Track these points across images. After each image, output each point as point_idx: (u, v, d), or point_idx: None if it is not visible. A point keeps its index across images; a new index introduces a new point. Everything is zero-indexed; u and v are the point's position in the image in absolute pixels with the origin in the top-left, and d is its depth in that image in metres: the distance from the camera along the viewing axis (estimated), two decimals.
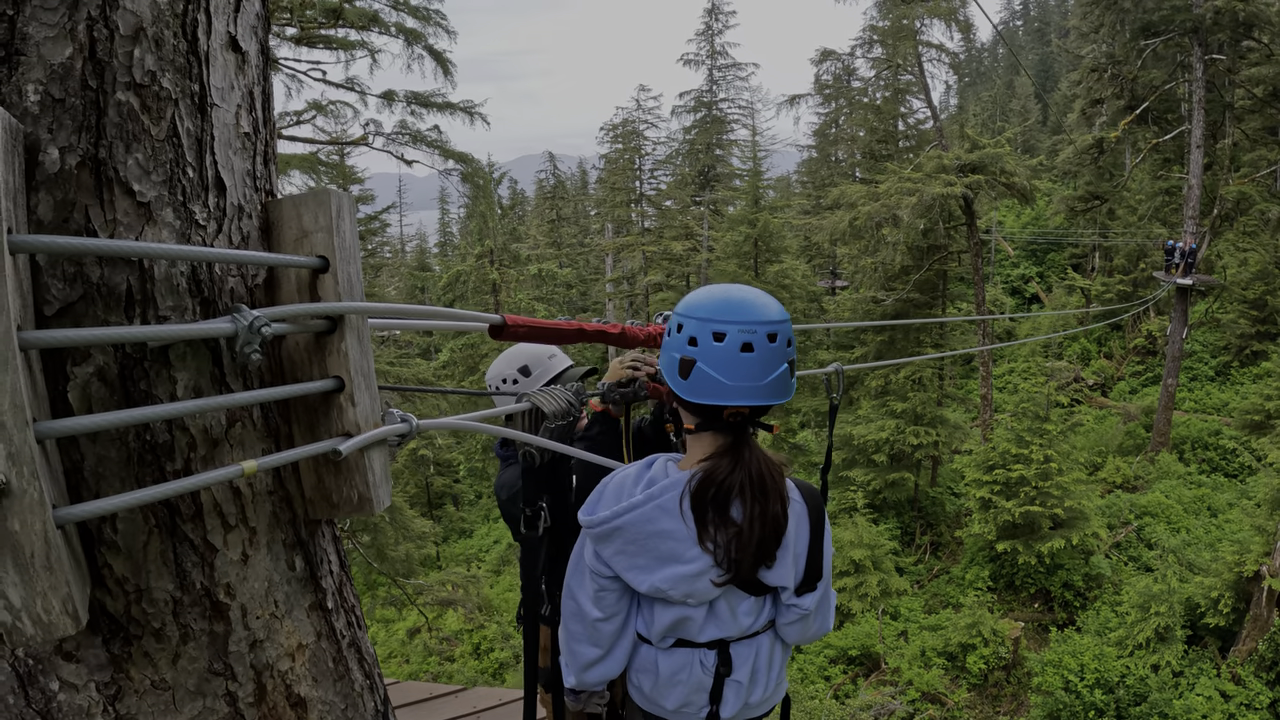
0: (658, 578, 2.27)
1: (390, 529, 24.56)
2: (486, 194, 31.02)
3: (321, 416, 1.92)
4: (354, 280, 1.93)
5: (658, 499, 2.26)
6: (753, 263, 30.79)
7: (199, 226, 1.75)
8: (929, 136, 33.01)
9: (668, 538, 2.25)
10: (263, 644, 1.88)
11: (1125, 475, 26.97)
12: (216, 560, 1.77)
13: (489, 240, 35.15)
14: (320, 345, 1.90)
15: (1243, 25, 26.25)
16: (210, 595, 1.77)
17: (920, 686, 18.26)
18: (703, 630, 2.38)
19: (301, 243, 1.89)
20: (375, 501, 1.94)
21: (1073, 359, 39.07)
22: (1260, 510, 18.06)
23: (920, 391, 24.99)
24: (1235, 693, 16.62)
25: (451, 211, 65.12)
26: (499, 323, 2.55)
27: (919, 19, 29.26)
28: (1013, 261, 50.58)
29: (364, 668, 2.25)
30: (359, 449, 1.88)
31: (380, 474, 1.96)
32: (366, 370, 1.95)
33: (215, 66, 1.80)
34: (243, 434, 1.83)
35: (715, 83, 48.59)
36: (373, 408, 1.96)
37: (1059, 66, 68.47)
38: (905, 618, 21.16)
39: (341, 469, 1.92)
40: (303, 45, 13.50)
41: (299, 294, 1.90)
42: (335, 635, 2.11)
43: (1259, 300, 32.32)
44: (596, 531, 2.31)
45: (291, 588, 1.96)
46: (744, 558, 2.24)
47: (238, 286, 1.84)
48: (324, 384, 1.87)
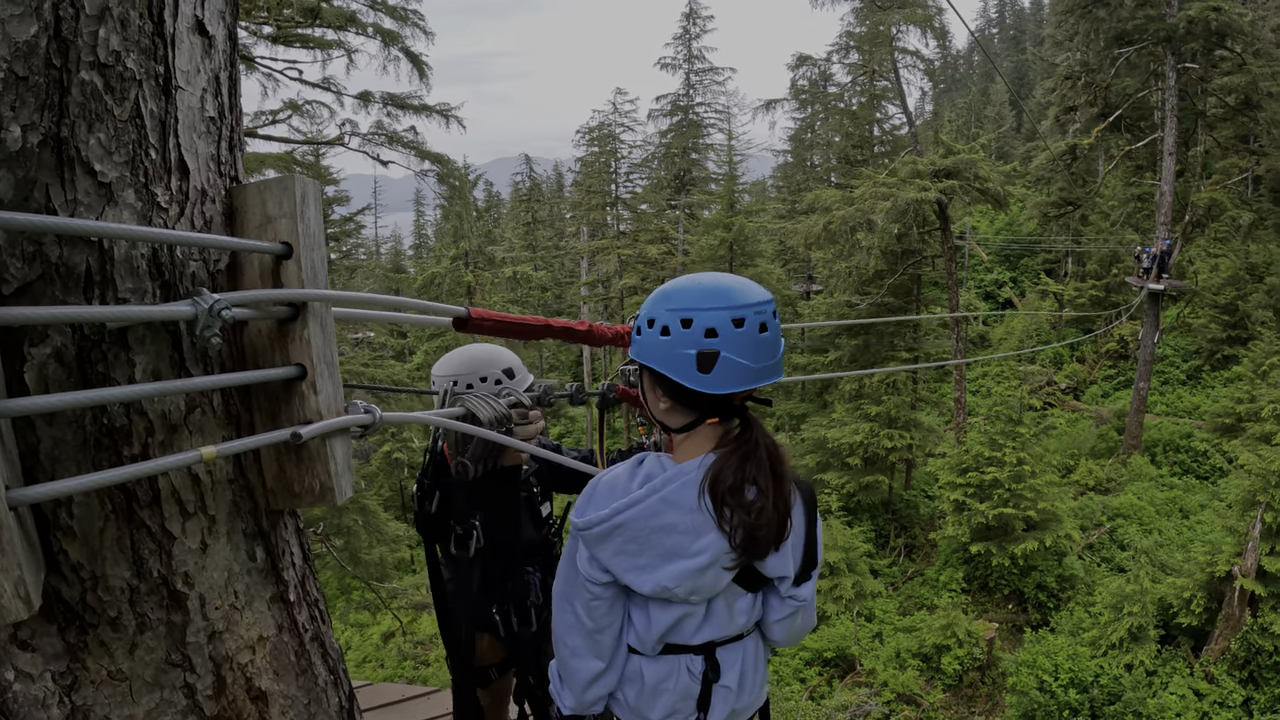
0: (663, 575, 2.19)
1: (364, 532, 24.45)
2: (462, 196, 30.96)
3: (283, 404, 1.90)
4: (317, 267, 1.91)
5: (660, 491, 2.19)
6: (728, 266, 30.87)
7: (161, 209, 1.73)
8: (904, 142, 33.14)
9: (672, 531, 2.18)
10: (222, 635, 1.86)
11: (1098, 478, 27.14)
12: (174, 548, 1.75)
13: (464, 242, 35.08)
14: (283, 332, 1.88)
15: (1215, 34, 26.53)
16: (168, 584, 1.74)
17: (895, 688, 18.29)
18: (698, 631, 2.31)
19: (265, 228, 1.87)
20: (337, 491, 1.91)
21: (1045, 363, 39.28)
22: (1231, 511, 18.18)
23: (894, 395, 25.07)
24: (1208, 691, 16.76)
25: (427, 214, 64.97)
26: (463, 315, 2.53)
27: (895, 26, 29.33)
28: (986, 266, 50.83)
29: (328, 663, 2.22)
30: (321, 438, 1.86)
31: (342, 464, 1.94)
32: (329, 358, 1.93)
33: (181, 49, 1.78)
34: (202, 420, 1.80)
35: (692, 87, 48.63)
36: (335, 396, 1.94)
37: (1034, 74, 68.93)
38: (880, 620, 21.20)
39: (303, 458, 1.90)
40: (279, 44, 13.42)
41: (262, 280, 1.88)
42: (298, 628, 2.09)
43: (1230, 305, 32.63)
44: (594, 532, 2.21)
45: (252, 579, 1.94)
46: (763, 538, 2.18)
47: (199, 270, 1.81)
48: (285, 371, 1.85)
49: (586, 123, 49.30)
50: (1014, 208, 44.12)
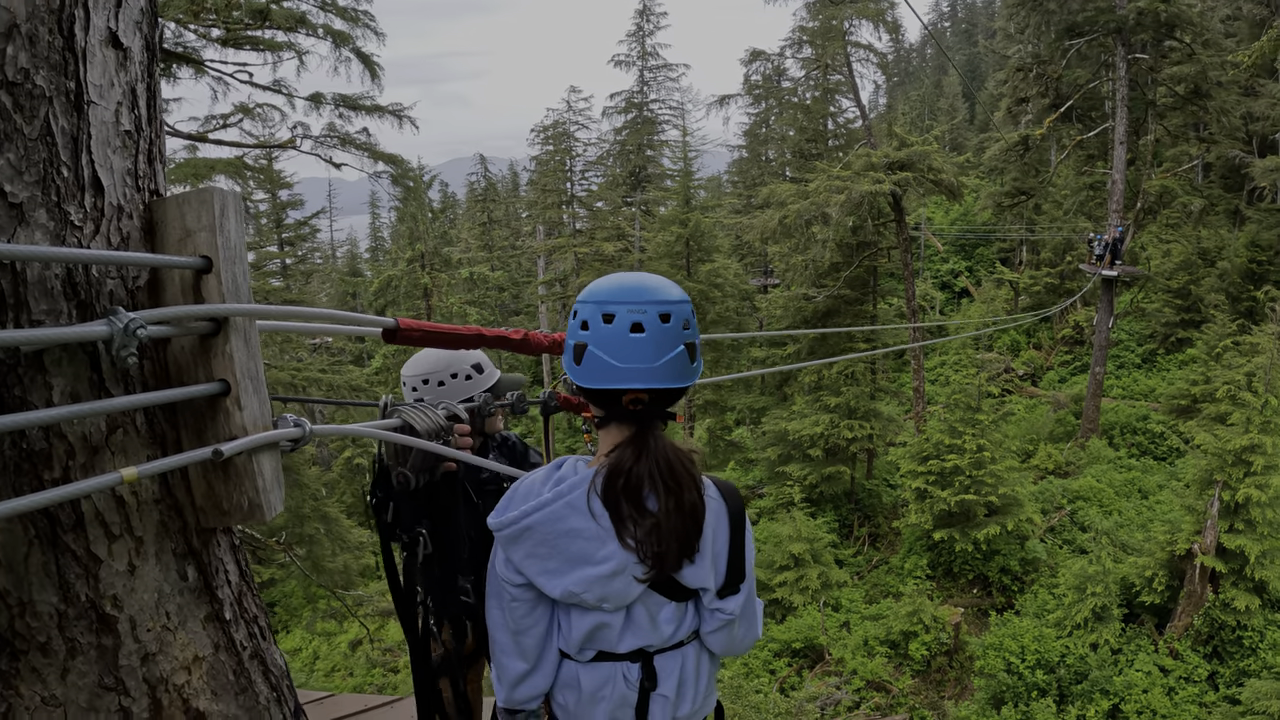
0: (570, 580, 2.19)
1: (326, 540, 24.24)
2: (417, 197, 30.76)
3: (209, 421, 1.87)
4: (239, 281, 1.89)
5: (566, 496, 2.18)
6: (685, 262, 30.85)
7: (74, 228, 1.70)
8: (858, 135, 33.33)
9: (578, 537, 2.18)
10: (155, 657, 1.83)
11: (1057, 461, 27.44)
12: (101, 571, 1.72)
13: (420, 244, 34.85)
14: (205, 348, 1.86)
15: (1165, 25, 26.86)
16: (96, 608, 1.72)
17: (865, 675, 18.39)
18: (621, 639, 2.30)
19: (185, 243, 1.84)
20: (266, 508, 1.89)
21: (1003, 350, 39.69)
22: (1189, 491, 18.47)
23: (853, 386, 25.19)
24: (1174, 667, 17.04)
25: (382, 216, 64.61)
26: (392, 326, 2.49)
27: (848, 20, 29.46)
28: (942, 256, 51.24)
29: (269, 680, 2.20)
30: (248, 455, 1.84)
31: (271, 479, 1.92)
32: (254, 373, 1.90)
33: (93, 63, 1.75)
34: (125, 441, 1.77)
35: (646, 84, 48.69)
36: (261, 411, 1.91)
37: (986, 66, 69.61)
38: (847, 609, 21.31)
39: (230, 475, 1.87)
40: (229, 47, 13.25)
41: (183, 295, 1.85)
42: (235, 647, 2.06)
43: (1182, 289, 33.18)
44: (505, 534, 2.22)
45: (184, 599, 1.91)
46: (667, 550, 2.16)
47: (117, 289, 1.78)
48: (208, 388, 1.82)
49: (541, 121, 49.32)
50: (968, 198, 44.60)
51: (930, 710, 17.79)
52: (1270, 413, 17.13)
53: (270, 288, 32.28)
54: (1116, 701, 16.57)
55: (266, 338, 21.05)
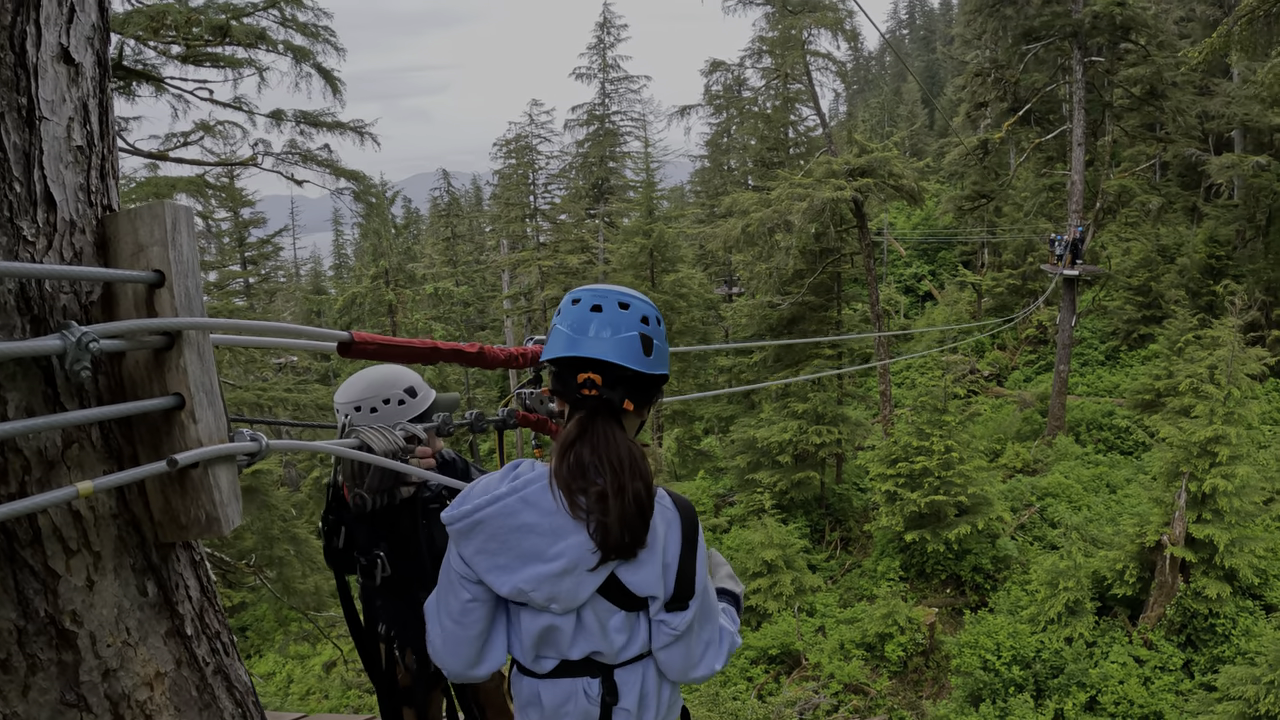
0: (519, 578, 2.21)
1: (297, 562, 24.09)
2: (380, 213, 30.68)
3: (164, 435, 1.87)
4: (192, 294, 1.88)
5: (521, 491, 2.22)
6: (649, 273, 30.92)
7: (27, 243, 1.69)
8: (819, 143, 33.51)
9: (530, 532, 2.21)
10: (116, 673, 1.82)
11: (1025, 460, 27.68)
12: (60, 586, 1.71)
13: (384, 260, 34.75)
14: (159, 362, 1.85)
15: (1120, 28, 27.22)
16: (56, 623, 1.71)
17: (842, 679, 18.46)
18: (573, 643, 2.31)
19: (138, 257, 1.84)
20: (224, 521, 1.89)
21: (967, 352, 40.01)
22: (1156, 484, 18.71)
23: (820, 391, 25.27)
24: (1148, 657, 17.27)
25: (346, 233, 64.25)
26: (346, 340, 2.49)
27: (807, 29, 29.59)
28: (905, 261, 51.63)
29: (234, 695, 2.19)
30: (204, 468, 1.84)
31: (228, 492, 1.91)
32: (208, 386, 1.90)
33: (45, 79, 1.75)
34: (81, 455, 1.77)
35: (608, 96, 48.84)
36: (217, 425, 1.91)
37: (944, 72, 70.30)
38: (821, 613, 21.37)
39: (187, 489, 1.87)
40: (189, 63, 13.14)
41: (136, 310, 1.85)
42: (197, 662, 2.05)
43: (1143, 287, 33.66)
44: (457, 528, 2.24)
45: (145, 614, 1.90)
46: (612, 524, 2.18)
47: (70, 304, 1.78)
48: (162, 401, 1.82)
49: (503, 135, 49.27)
50: (929, 202, 44.95)
51: (909, 711, 17.88)
52: (1233, 404, 17.41)
53: (234, 307, 32.08)
54: (1093, 694, 16.77)
55: (230, 357, 20.91)
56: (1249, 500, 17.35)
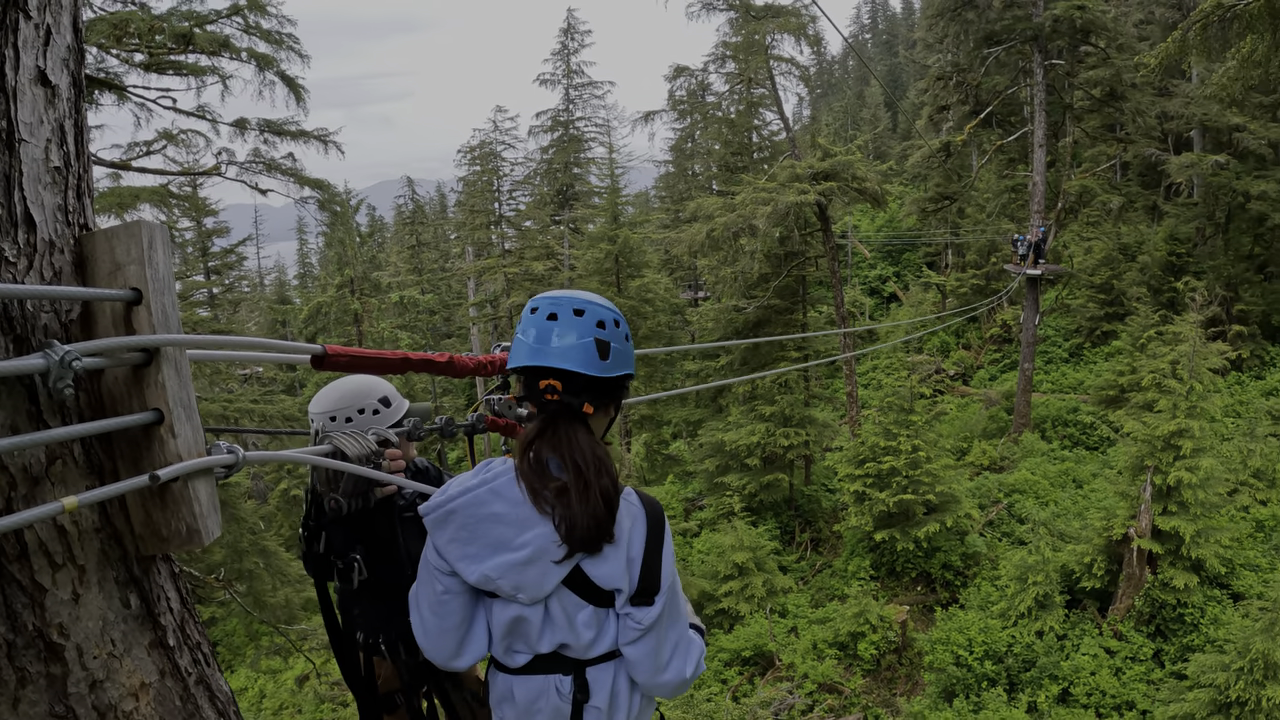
0: (487, 566, 2.29)
1: (266, 575, 23.88)
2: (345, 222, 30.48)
3: (144, 450, 1.90)
4: (169, 311, 1.91)
5: (491, 483, 2.32)
6: (615, 278, 30.91)
7: (9, 263, 1.72)
8: (783, 147, 33.66)
9: (499, 522, 2.29)
10: (103, 684, 1.85)
11: (991, 457, 27.90)
12: (47, 600, 1.74)
13: (349, 269, 34.55)
14: (138, 378, 1.88)
15: (1080, 31, 27.55)
16: (44, 636, 1.73)
17: (816, 678, 18.48)
18: (542, 635, 2.37)
19: (115, 276, 1.87)
20: (204, 532, 1.92)
21: (933, 352, 40.32)
22: (1122, 478, 18.91)
23: (787, 394, 25.35)
24: (1119, 648, 17.44)
25: (310, 242, 63.80)
26: (320, 353, 2.54)
27: (770, 34, 29.69)
28: (870, 263, 51.99)
29: (216, 705, 2.22)
30: (184, 481, 1.87)
31: (207, 504, 1.94)
32: (186, 401, 1.93)
33: (23, 102, 1.78)
34: (64, 471, 1.79)
35: (572, 102, 48.77)
36: (195, 439, 1.94)
37: (907, 76, 70.80)
38: (793, 614, 21.42)
39: (167, 502, 1.90)
40: (152, 72, 13.03)
41: (114, 327, 1.87)
42: (180, 673, 2.08)
43: (1105, 285, 34.13)
44: (431, 518, 2.35)
45: (128, 626, 1.93)
46: (576, 517, 2.25)
47: (51, 322, 1.81)
48: (142, 417, 1.85)
49: (468, 142, 49.08)
50: (893, 205, 45.34)
51: (883, 708, 17.95)
52: (1195, 398, 17.65)
53: (198, 318, 31.75)
54: (1066, 686, 16.92)
55: (196, 369, 20.75)
56: (1213, 492, 17.59)
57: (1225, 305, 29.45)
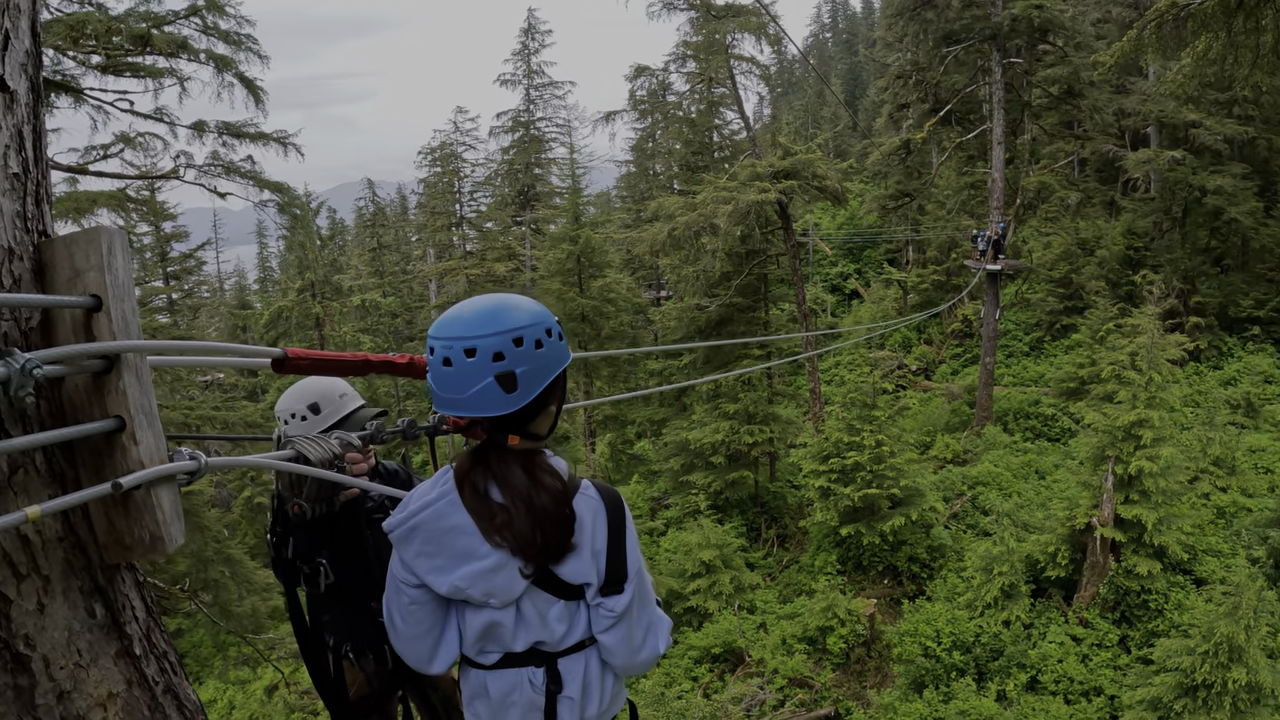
0: (456, 576, 2.29)
1: (232, 584, 23.61)
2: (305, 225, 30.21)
3: (106, 458, 1.88)
4: (129, 318, 1.90)
5: (449, 495, 2.30)
6: (577, 279, 30.85)
7: None
8: (743, 146, 33.74)
9: (461, 533, 2.28)
10: (70, 695, 1.83)
11: (955, 450, 28.14)
12: (12, 611, 1.72)
13: (310, 273, 34.20)
14: (99, 385, 1.86)
15: (1038, 30, 27.84)
16: (10, 647, 1.72)
17: (786, 673, 18.57)
18: (515, 636, 2.38)
19: (75, 282, 1.85)
20: (167, 540, 1.90)
21: (895, 347, 40.63)
22: (1084, 468, 19.16)
23: (751, 391, 25.43)
24: (1085, 635, 17.73)
25: (270, 245, 63.21)
26: (280, 356, 2.52)
27: (731, 34, 29.75)
28: (831, 260, 52.24)
29: (184, 714, 2.20)
30: (146, 489, 1.85)
31: (170, 512, 1.92)
32: (147, 408, 1.91)
33: None
34: (26, 480, 1.77)
35: (532, 102, 48.63)
36: (157, 446, 1.92)
37: (867, 74, 71.24)
38: (762, 610, 21.50)
39: (130, 510, 1.88)
40: (110, 74, 12.86)
41: (74, 334, 1.86)
42: (147, 682, 2.06)
43: (1064, 279, 34.62)
44: (396, 534, 2.33)
45: (94, 635, 1.91)
46: (522, 538, 2.25)
47: (11, 330, 1.79)
48: (103, 424, 1.83)
49: (428, 143, 48.73)
50: (853, 202, 45.45)
51: (854, 701, 18.06)
52: (1155, 389, 17.90)
53: (157, 324, 31.37)
54: (1034, 673, 17.14)
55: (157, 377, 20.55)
56: (1174, 480, 17.88)
57: (1182, 298, 29.94)
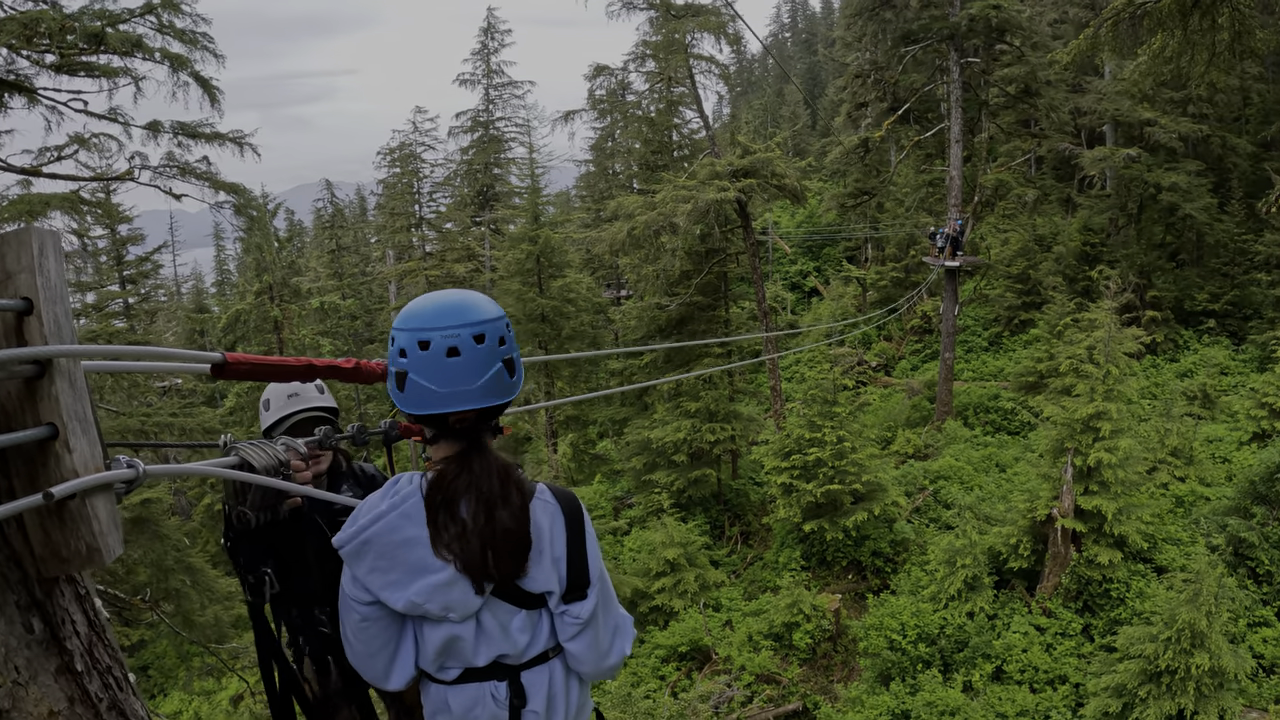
0: (411, 591, 2.22)
1: (194, 593, 23.31)
2: (262, 227, 29.91)
3: (40, 467, 1.81)
4: (61, 321, 1.83)
5: (400, 506, 2.23)
6: (536, 279, 30.74)
7: None
8: (703, 145, 33.77)
9: (415, 545, 2.21)
10: (9, 714, 1.77)
11: (916, 445, 28.35)
12: None
13: (268, 275, 33.81)
14: (30, 391, 1.79)
15: (996, 30, 28.11)
16: None
17: (753, 670, 18.63)
18: (477, 650, 2.32)
19: (5, 285, 1.78)
20: (104, 551, 1.83)
21: (855, 344, 40.87)
22: (1043, 460, 19.40)
23: (712, 389, 25.46)
24: (1048, 624, 17.95)
25: (228, 248, 62.62)
26: (219, 361, 2.38)
27: (690, 33, 29.75)
28: (790, 258, 52.50)
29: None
30: (81, 498, 1.79)
31: (107, 522, 1.86)
32: (82, 414, 1.85)
33: None
34: None
35: (492, 102, 48.51)
36: (92, 453, 1.86)
37: (826, 73, 71.66)
38: (727, 607, 21.54)
39: (66, 521, 1.81)
40: (63, 73, 12.66)
41: (4, 339, 1.79)
42: (90, 699, 1.99)
43: (1022, 275, 35.02)
44: (347, 550, 2.24)
45: (32, 652, 1.84)
46: (474, 558, 2.20)
47: None
48: (35, 432, 1.76)
49: (387, 144, 48.63)
50: (812, 200, 45.83)
51: (821, 695, 18.15)
52: (1112, 381, 18.14)
53: (113, 329, 30.98)
54: (999, 664, 17.35)
55: (113, 383, 20.23)
56: (1132, 470, 18.13)
57: (1139, 292, 30.35)
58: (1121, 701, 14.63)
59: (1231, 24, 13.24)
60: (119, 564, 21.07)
